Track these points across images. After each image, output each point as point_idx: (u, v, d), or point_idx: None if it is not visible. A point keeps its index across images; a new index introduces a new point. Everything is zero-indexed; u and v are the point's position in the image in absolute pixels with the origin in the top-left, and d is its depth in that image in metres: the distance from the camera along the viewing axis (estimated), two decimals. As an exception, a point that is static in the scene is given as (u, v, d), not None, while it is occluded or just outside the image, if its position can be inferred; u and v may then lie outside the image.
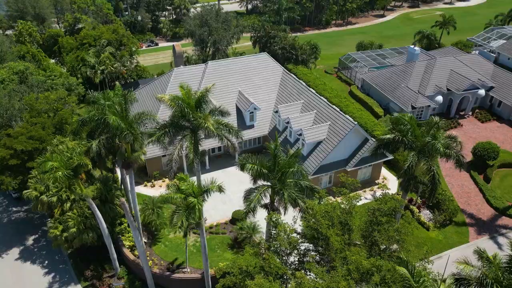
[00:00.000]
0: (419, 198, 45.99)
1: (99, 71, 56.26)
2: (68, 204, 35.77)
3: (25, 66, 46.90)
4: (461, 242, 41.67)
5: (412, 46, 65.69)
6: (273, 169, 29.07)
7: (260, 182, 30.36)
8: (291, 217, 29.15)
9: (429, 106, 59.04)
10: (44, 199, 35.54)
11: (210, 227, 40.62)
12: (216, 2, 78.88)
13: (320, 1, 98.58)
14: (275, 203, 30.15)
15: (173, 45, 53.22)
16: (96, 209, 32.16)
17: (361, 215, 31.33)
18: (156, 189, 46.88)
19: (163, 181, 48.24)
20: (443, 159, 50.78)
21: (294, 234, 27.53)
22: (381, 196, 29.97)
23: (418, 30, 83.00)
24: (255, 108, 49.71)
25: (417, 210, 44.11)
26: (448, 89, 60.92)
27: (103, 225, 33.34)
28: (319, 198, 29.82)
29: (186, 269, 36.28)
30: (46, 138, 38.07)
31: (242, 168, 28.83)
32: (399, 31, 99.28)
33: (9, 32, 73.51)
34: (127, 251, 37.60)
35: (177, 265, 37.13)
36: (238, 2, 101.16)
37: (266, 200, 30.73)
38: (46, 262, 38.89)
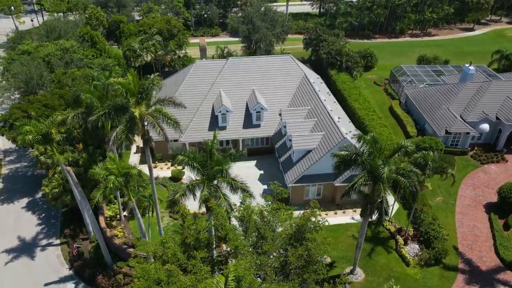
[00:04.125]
0: (411, 229, 41.78)
1: (140, 57, 61.46)
2: (59, 168, 40.62)
3: (70, 44, 53.83)
4: (440, 287, 36.99)
5: (467, 65, 58.61)
6: (205, 166, 29.52)
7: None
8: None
9: (468, 133, 52.47)
10: (42, 159, 41.06)
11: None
12: (270, 3, 79.33)
13: (395, 8, 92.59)
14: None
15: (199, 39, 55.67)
16: (68, 174, 35.93)
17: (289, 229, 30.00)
18: (157, 170, 50.17)
19: (165, 164, 51.32)
20: (463, 195, 45.99)
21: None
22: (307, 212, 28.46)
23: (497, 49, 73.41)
24: (262, 108, 49.85)
25: (402, 242, 40.16)
26: (497, 118, 53.34)
27: (76, 190, 37.11)
28: (241, 202, 29.38)
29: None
30: (58, 108, 43.47)
31: (174, 158, 29.88)
32: (483, 48, 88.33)
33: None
34: (101, 219, 41.32)
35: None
36: (310, 4, 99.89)
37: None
38: (43, 215, 44.70)
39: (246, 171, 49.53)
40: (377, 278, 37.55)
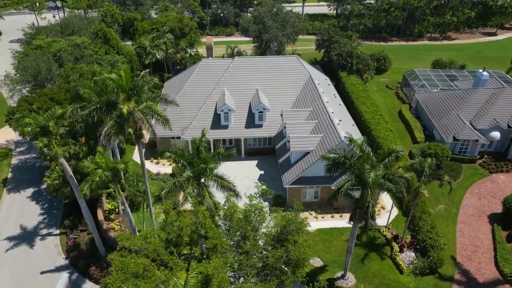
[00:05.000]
0: (408, 237, 40.89)
1: (150, 54, 62.42)
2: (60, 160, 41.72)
3: (82, 40, 55.22)
4: (434, 297, 36.08)
5: (481, 71, 56.77)
6: (192, 163, 29.75)
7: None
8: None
9: (477, 141, 50.89)
10: (45, 151, 42.23)
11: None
12: (279, 3, 78.76)
13: (414, 10, 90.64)
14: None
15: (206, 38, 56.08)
16: (65, 167, 36.77)
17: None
18: (159, 166, 50.99)
19: (168, 160, 51.86)
20: (467, 204, 44.65)
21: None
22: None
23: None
24: (264, 108, 49.79)
25: (398, 249, 39.33)
26: (509, 126, 51.50)
27: (71, 182, 37.86)
28: (225, 201, 29.43)
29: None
30: (64, 102, 44.67)
31: (161, 155, 30.25)
32: (505, 54, 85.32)
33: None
34: (99, 212, 42.22)
35: (136, 236, 40.36)
36: (327, 5, 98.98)
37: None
38: (46, 205, 46.01)
39: (246, 171, 49.87)
40: (369, 284, 36.92)
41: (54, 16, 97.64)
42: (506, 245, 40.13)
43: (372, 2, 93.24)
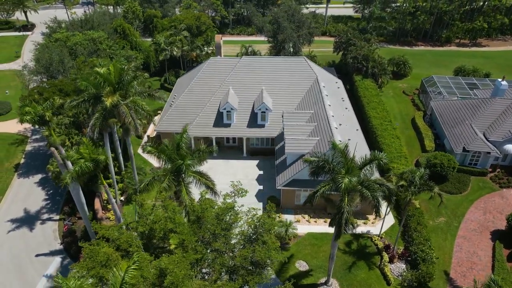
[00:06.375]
0: (401, 247, 39.60)
1: (164, 51, 63.71)
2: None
3: (98, 35, 57.20)
4: (419, 312, 34.75)
5: (500, 80, 53.97)
6: (172, 159, 30.21)
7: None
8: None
9: (489, 153, 48.46)
10: (50, 139, 44.14)
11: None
12: (296, 4, 77.75)
13: (442, 15, 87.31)
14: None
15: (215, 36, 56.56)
16: (56, 155, 37.86)
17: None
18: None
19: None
20: (470, 218, 42.73)
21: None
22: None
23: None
24: (266, 109, 49.66)
25: (387, 259, 38.16)
26: (525, 139, 48.74)
27: (62, 170, 39.12)
28: (199, 198, 29.58)
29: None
30: (72, 93, 46.49)
31: (144, 150, 30.85)
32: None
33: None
34: (96, 201, 43.64)
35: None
36: (352, 7, 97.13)
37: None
38: (51, 191, 48.04)
39: (245, 170, 49.99)
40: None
41: (85, 11, 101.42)
42: (505, 264, 38.01)
43: (398, 5, 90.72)
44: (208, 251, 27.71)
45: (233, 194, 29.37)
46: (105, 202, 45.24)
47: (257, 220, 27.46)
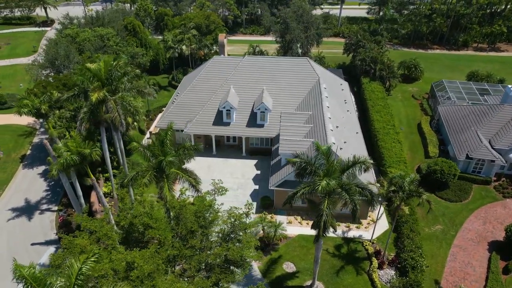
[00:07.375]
0: (392, 254, 38.81)
1: (171, 49, 64.45)
2: (64, 140, 44.65)
3: (106, 32, 58.38)
4: (404, 320, 33.95)
5: (510, 86, 52.10)
6: (155, 155, 30.54)
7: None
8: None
9: (493, 161, 46.92)
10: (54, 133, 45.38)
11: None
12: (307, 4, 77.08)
13: (459, 18, 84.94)
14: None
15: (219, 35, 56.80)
16: (48, 147, 38.57)
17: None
18: (161, 157, 52.59)
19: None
20: (468, 227, 41.48)
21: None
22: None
23: None
24: (266, 109, 49.56)
25: (377, 265, 37.48)
26: (533, 148, 46.94)
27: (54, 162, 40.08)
28: (179, 195, 29.77)
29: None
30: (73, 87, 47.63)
31: (129, 146, 31.28)
32: (559, 70, 77.63)
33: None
34: (93, 194, 44.52)
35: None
36: (367, 8, 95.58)
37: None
38: (52, 183, 49.32)
39: (243, 169, 50.06)
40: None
41: (103, 9, 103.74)
42: (500, 277, 36.70)
43: (415, 7, 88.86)
44: (185, 247, 27.89)
45: (213, 192, 29.45)
46: (104, 192, 46.06)
47: (234, 219, 27.44)
